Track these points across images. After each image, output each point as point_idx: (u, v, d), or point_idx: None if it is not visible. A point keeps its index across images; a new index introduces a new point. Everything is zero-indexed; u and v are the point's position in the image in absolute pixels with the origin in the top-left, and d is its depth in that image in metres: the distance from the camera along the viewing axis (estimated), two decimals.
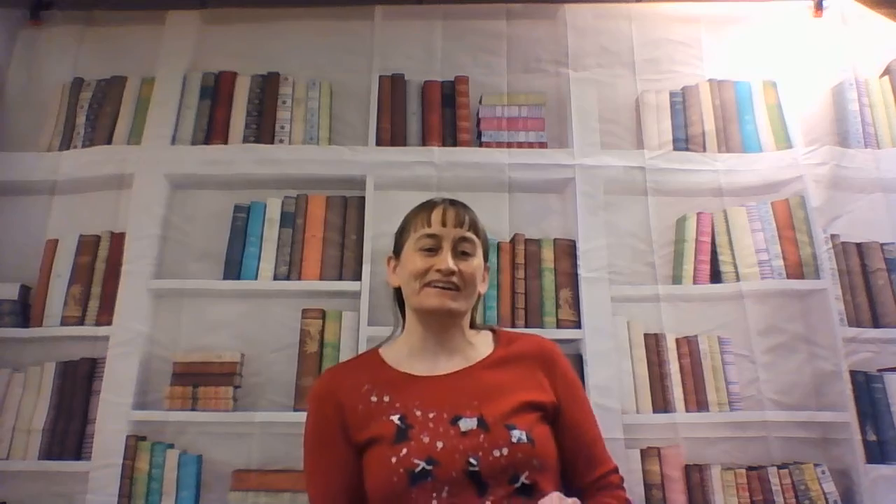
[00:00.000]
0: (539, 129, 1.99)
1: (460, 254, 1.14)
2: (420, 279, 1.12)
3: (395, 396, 1.08)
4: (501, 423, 1.03)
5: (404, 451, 1.00)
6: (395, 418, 1.05)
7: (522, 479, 0.99)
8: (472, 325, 1.22)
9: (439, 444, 1.01)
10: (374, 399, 1.08)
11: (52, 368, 1.78)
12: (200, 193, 1.95)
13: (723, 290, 1.85)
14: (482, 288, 1.20)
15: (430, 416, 1.04)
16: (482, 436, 1.01)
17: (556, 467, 1.06)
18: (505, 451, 1.00)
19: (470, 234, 1.16)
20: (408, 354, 1.15)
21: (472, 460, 0.99)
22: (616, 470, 1.12)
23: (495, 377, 1.10)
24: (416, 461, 0.99)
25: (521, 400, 1.06)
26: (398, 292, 1.20)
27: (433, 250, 1.13)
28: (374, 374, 1.12)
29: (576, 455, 1.09)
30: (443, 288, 1.11)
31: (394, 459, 1.00)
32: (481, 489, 0.98)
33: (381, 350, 1.19)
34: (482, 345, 1.17)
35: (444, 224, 1.14)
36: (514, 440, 1.01)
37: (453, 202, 1.19)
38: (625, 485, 1.12)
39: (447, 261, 1.11)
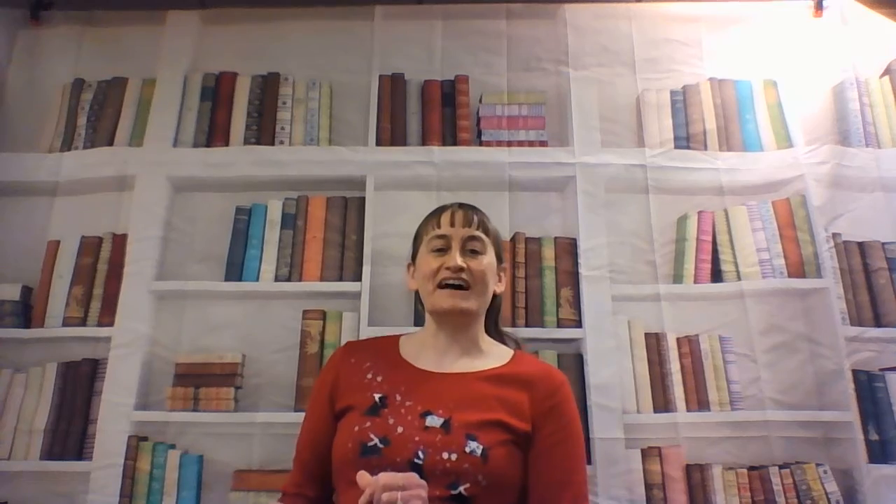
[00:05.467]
0: (539, 127, 1.99)
1: (469, 252, 1.18)
2: (432, 279, 1.17)
3: (386, 378, 1.13)
4: (463, 431, 1.04)
5: (368, 424, 1.06)
6: (377, 396, 1.10)
7: (461, 488, 1.00)
8: (498, 333, 1.26)
9: (399, 429, 1.05)
10: (368, 376, 1.14)
11: (54, 369, 1.78)
12: (202, 195, 1.96)
13: (724, 289, 1.84)
14: (498, 288, 1.24)
15: (407, 404, 1.09)
16: (440, 436, 1.04)
17: (510, 493, 1.05)
18: (454, 456, 1.01)
19: (478, 233, 1.20)
20: (419, 348, 1.20)
21: (419, 453, 1.02)
22: None
23: (483, 390, 1.11)
24: (372, 436, 1.04)
25: (496, 417, 1.07)
26: (419, 295, 1.24)
27: (443, 250, 1.18)
28: (382, 358, 1.18)
29: (532, 491, 1.07)
30: (454, 287, 1.15)
31: (356, 429, 1.06)
32: None
33: (402, 339, 1.24)
34: (495, 357, 1.19)
35: (452, 224, 1.20)
36: (467, 450, 1.02)
37: (462, 205, 1.24)
38: None
39: (455, 258, 1.16)
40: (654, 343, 1.80)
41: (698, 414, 1.73)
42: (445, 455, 1.01)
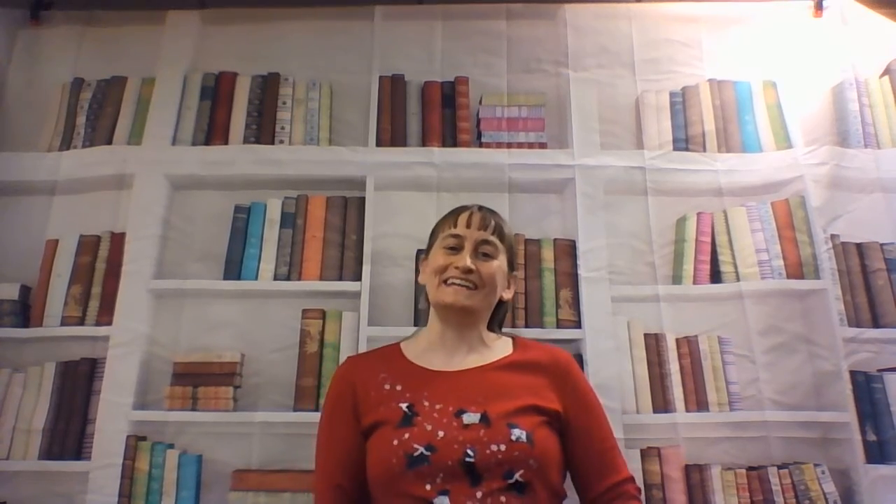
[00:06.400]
0: (539, 129, 1.99)
1: (481, 255, 1.20)
2: (440, 275, 1.19)
3: (406, 386, 1.13)
4: (503, 421, 1.06)
5: (406, 435, 1.05)
6: (404, 405, 1.10)
7: (517, 476, 1.02)
8: (492, 330, 1.27)
9: (440, 433, 1.05)
10: (387, 387, 1.14)
11: (53, 368, 1.78)
12: (201, 194, 1.95)
13: (723, 290, 1.84)
14: (506, 294, 1.25)
15: (437, 407, 1.09)
16: (482, 430, 1.05)
17: (556, 471, 1.09)
18: (503, 447, 1.03)
19: (492, 238, 1.21)
20: (425, 349, 1.21)
21: (469, 452, 1.02)
22: (631, 479, 1.14)
23: (505, 379, 1.14)
24: (415, 446, 1.03)
25: (527, 403, 1.10)
26: (426, 291, 1.25)
27: (456, 249, 1.19)
28: (392, 365, 1.18)
29: (587, 464, 1.13)
30: (459, 285, 1.16)
31: (395, 442, 1.05)
32: (474, 480, 1.01)
33: (402, 345, 1.25)
34: (499, 348, 1.22)
35: (468, 226, 1.21)
36: (513, 438, 1.04)
37: (482, 208, 1.26)
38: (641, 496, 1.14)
39: (465, 259, 1.17)
40: (654, 344, 1.80)
41: (697, 414, 1.73)
42: (494, 447, 1.03)
